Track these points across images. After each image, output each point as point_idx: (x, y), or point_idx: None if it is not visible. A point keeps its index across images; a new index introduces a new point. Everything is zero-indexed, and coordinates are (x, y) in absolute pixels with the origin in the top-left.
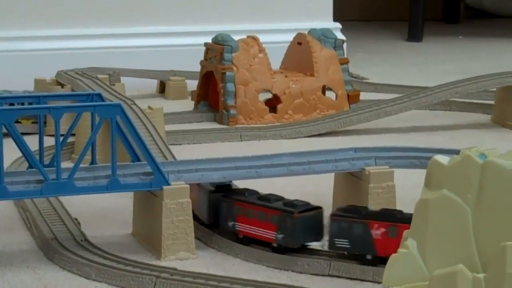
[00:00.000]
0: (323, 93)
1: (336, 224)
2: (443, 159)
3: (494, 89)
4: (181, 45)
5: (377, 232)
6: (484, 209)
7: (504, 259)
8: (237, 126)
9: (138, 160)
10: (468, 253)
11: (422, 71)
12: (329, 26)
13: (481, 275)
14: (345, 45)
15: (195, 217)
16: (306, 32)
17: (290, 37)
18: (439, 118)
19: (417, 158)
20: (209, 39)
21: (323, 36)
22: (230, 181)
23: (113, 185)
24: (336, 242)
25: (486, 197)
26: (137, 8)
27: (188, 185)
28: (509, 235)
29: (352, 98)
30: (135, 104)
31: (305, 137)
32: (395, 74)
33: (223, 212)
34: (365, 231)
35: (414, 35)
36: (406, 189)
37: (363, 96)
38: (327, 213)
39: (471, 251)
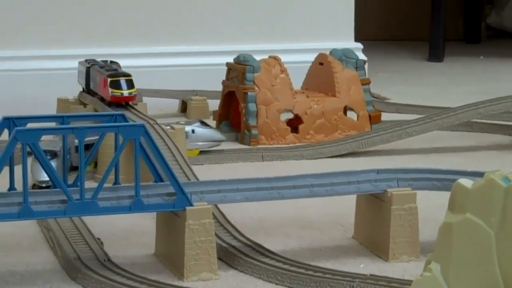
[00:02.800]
0: (345, 113)
1: None
2: (467, 182)
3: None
4: (203, 64)
5: None
6: (507, 233)
7: None
8: (259, 146)
9: (161, 180)
10: (492, 277)
11: (443, 91)
12: (350, 46)
13: None
14: (366, 65)
15: None
16: (328, 53)
17: (311, 57)
18: (461, 139)
19: (439, 180)
20: (231, 59)
21: (344, 56)
22: None
23: (137, 206)
24: None
25: (510, 221)
26: (158, 28)
27: (210, 206)
28: None
29: (374, 118)
30: (157, 123)
31: (326, 157)
32: (416, 95)
33: None
34: None
35: (435, 55)
36: (429, 211)
37: (385, 116)
38: (349, 234)
39: (494, 275)
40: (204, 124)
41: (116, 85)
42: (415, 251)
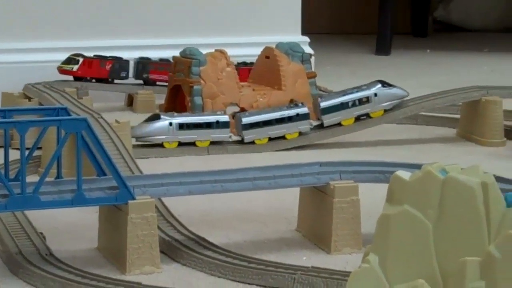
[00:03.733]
0: None
1: None
2: (404, 174)
3: (460, 103)
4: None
5: None
6: (444, 225)
7: (464, 274)
8: None
9: (104, 174)
10: (429, 268)
11: None
12: (297, 40)
13: None
14: (313, 59)
15: None
16: (274, 46)
17: (258, 51)
18: (406, 132)
19: (382, 172)
20: (177, 53)
21: (290, 50)
22: None
23: (78, 200)
24: None
25: (447, 212)
26: (105, 22)
27: (153, 200)
28: (469, 250)
29: None
30: (102, 117)
31: (272, 151)
32: None
33: None
34: None
35: (382, 49)
36: (372, 203)
37: None
38: (293, 226)
39: (432, 266)
40: (385, 84)
41: None
42: (357, 243)
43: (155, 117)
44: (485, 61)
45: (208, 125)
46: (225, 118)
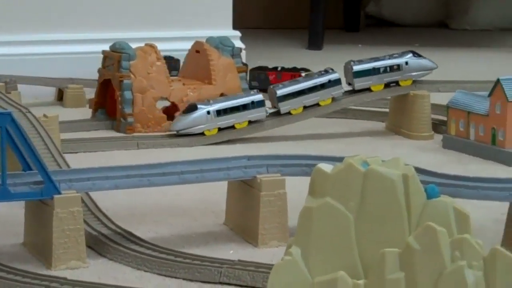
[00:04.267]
0: None
1: None
2: (326, 167)
3: (389, 97)
4: (80, 52)
5: None
6: (366, 217)
7: (383, 265)
8: (135, 134)
9: (30, 169)
10: (351, 260)
11: None
12: (228, 34)
13: (361, 282)
14: (244, 53)
15: None
16: (204, 40)
17: (188, 45)
18: (336, 126)
19: (309, 166)
20: (107, 47)
21: (221, 44)
22: None
23: (3, 195)
24: None
25: (368, 204)
26: (35, 15)
27: (79, 194)
28: (389, 242)
29: None
30: (30, 112)
31: (202, 145)
32: None
33: None
34: None
35: (314, 43)
36: (300, 197)
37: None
38: (220, 220)
39: (353, 257)
40: (416, 54)
41: None
42: (284, 237)
43: (192, 108)
44: None
45: (244, 107)
46: (259, 97)
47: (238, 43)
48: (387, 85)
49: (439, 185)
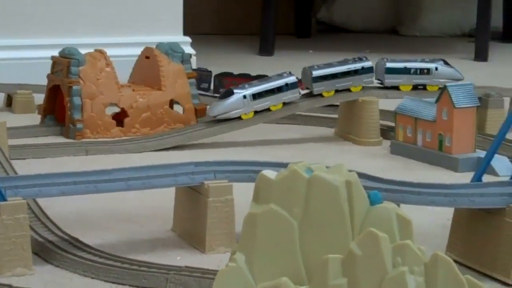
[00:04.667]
0: (171, 107)
1: None
2: (270, 173)
3: (338, 103)
4: (29, 58)
5: None
6: (309, 223)
7: (326, 271)
8: (84, 140)
9: None
10: (294, 266)
11: None
12: (178, 40)
13: (304, 287)
14: (194, 59)
15: None
16: (154, 46)
17: (138, 51)
18: (286, 132)
19: (256, 172)
20: (56, 53)
21: (170, 50)
22: None
23: None
24: None
25: (312, 211)
26: None
27: (25, 201)
28: (333, 248)
29: (200, 112)
30: None
31: (152, 151)
32: None
33: None
34: None
35: (266, 49)
36: (247, 202)
37: None
38: (168, 226)
39: (297, 263)
40: (446, 63)
41: None
42: (232, 243)
43: (228, 93)
44: None
45: (279, 89)
46: (293, 79)
47: (189, 49)
48: (415, 87)
49: (385, 191)
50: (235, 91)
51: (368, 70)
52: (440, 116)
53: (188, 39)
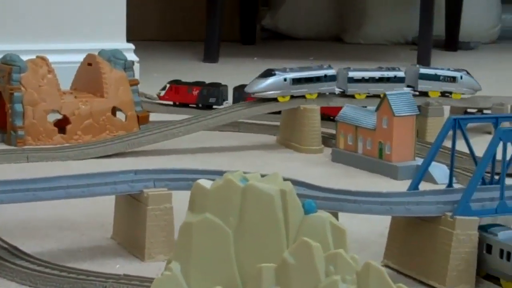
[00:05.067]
0: (113, 114)
1: None
2: (206, 183)
3: (280, 111)
4: None
5: None
6: (245, 232)
7: (260, 280)
8: (25, 147)
9: None
10: (230, 275)
11: None
12: (122, 47)
13: None
14: (138, 66)
15: None
16: (97, 53)
17: (81, 57)
18: (228, 139)
19: (196, 180)
20: None
21: (113, 57)
22: None
23: None
24: None
25: (247, 220)
26: None
27: None
28: (267, 256)
29: (142, 119)
30: None
31: (94, 158)
32: None
33: None
34: None
35: (210, 56)
36: (186, 211)
37: (157, 117)
38: (109, 234)
39: (232, 272)
40: (468, 74)
41: None
42: (171, 251)
43: (269, 73)
44: None
45: (317, 79)
46: (332, 72)
47: (132, 56)
48: (442, 94)
49: (323, 199)
50: (276, 72)
51: (400, 80)
52: (380, 124)
53: (131, 45)
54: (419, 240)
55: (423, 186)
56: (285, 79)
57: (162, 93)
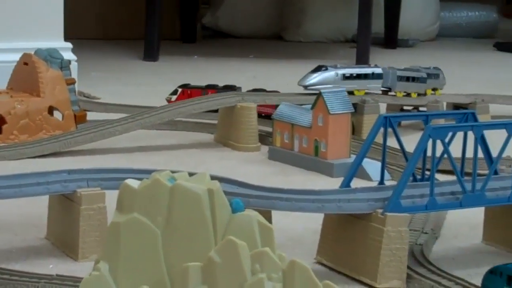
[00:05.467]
0: (50, 113)
1: None
2: (133, 182)
3: (217, 109)
4: None
5: None
6: (173, 231)
7: (187, 279)
8: None
9: None
10: (158, 274)
11: (157, 90)
12: (59, 46)
13: None
14: (75, 65)
15: None
16: (33, 52)
17: (16, 57)
18: (165, 138)
19: None
20: None
21: (49, 56)
22: None
23: None
24: None
25: (175, 219)
26: None
27: None
28: (195, 256)
29: (79, 118)
30: None
31: (31, 158)
32: (129, 94)
33: None
34: None
35: (150, 55)
36: None
37: (95, 116)
38: (42, 234)
39: (161, 272)
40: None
41: None
42: None
43: (322, 68)
44: (249, 67)
45: (365, 76)
46: (379, 70)
47: (70, 55)
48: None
49: (256, 197)
50: (329, 67)
51: (436, 76)
52: (316, 122)
53: (69, 44)
54: (351, 237)
55: (358, 183)
56: (336, 74)
57: (173, 97)
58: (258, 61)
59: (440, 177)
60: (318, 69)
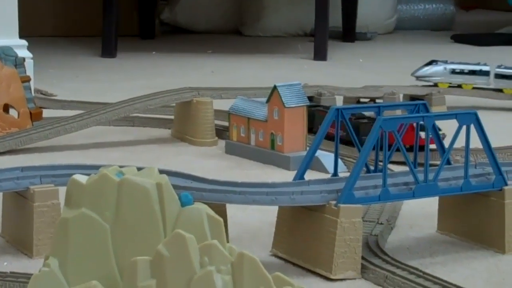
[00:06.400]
0: (6, 111)
1: None
2: (81, 177)
3: (174, 104)
4: None
5: None
6: (122, 226)
7: (135, 273)
8: None
9: None
10: (108, 269)
11: (115, 87)
12: (13, 44)
13: None
14: (31, 62)
15: None
16: None
17: None
18: (122, 134)
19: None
20: None
21: (3, 54)
22: None
23: None
24: None
25: (124, 214)
26: None
27: None
28: (145, 250)
29: (35, 115)
30: None
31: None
32: (86, 91)
33: None
34: None
35: (108, 51)
36: None
37: (52, 113)
38: None
39: (110, 266)
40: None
41: None
42: None
43: (433, 62)
44: (208, 63)
45: (472, 72)
46: (486, 68)
47: (25, 53)
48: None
49: (209, 191)
50: (438, 62)
51: None
52: (272, 116)
53: (24, 42)
54: (305, 229)
55: (315, 176)
56: (444, 68)
57: None
58: (216, 56)
59: (395, 168)
60: (430, 63)
